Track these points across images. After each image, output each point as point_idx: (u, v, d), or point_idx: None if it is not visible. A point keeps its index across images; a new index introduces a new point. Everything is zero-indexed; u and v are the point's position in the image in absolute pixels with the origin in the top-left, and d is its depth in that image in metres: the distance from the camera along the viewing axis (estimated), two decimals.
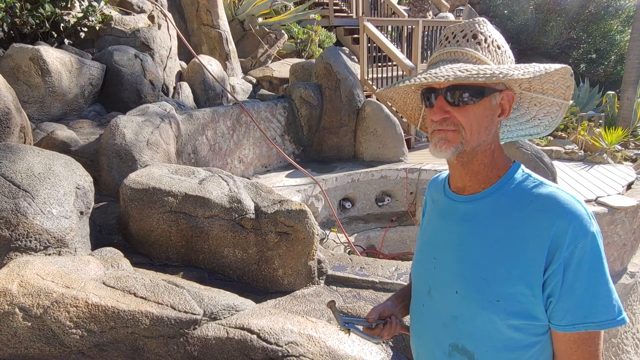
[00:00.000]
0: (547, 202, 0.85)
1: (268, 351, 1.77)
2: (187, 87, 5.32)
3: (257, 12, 7.57)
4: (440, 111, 0.87)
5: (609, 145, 6.58)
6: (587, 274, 0.81)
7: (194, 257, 2.47)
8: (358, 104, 5.44)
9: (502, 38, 0.92)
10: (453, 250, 0.95)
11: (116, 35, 4.97)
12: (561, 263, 0.81)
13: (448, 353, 0.96)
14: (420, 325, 1.06)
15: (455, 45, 0.88)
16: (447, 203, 1.00)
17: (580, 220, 0.82)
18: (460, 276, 0.92)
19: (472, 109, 0.86)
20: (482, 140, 0.89)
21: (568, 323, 0.82)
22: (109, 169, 3.05)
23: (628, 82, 8.92)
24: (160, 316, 1.74)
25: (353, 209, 5.06)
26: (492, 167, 0.93)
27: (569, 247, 0.81)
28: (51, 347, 1.65)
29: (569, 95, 0.93)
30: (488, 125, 0.89)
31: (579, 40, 14.19)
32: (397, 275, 2.61)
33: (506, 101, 0.90)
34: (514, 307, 0.85)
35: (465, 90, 0.85)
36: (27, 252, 1.98)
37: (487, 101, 0.87)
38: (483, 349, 0.91)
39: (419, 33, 6.87)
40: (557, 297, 0.82)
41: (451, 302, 0.94)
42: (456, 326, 0.94)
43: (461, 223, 0.95)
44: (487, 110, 0.88)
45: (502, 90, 0.89)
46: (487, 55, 0.88)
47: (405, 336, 2.15)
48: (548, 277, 0.83)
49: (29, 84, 3.76)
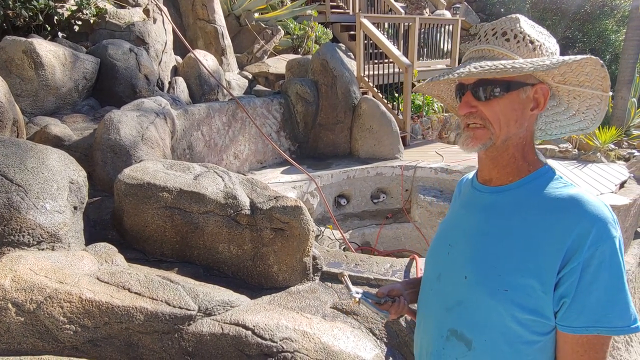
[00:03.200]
0: (573, 201, 0.85)
1: (263, 347, 1.77)
2: (183, 82, 5.29)
3: (253, 7, 7.53)
4: (467, 105, 0.90)
5: (602, 144, 6.63)
6: (606, 278, 0.80)
7: (188, 253, 2.46)
8: (354, 100, 5.43)
9: (541, 32, 0.92)
10: (469, 237, 0.96)
11: (111, 29, 4.92)
12: (579, 263, 0.81)
13: (445, 337, 0.96)
14: (425, 310, 1.07)
15: (485, 43, 0.91)
16: (472, 193, 1.02)
17: (604, 224, 0.81)
18: (471, 262, 0.93)
19: (498, 103, 0.88)
20: (512, 133, 0.91)
21: (581, 324, 0.82)
22: (103, 164, 3.03)
23: (622, 81, 8.97)
24: (154, 312, 1.74)
25: (348, 206, 5.06)
26: (522, 161, 0.93)
27: (590, 248, 0.80)
28: (44, 343, 1.64)
29: (606, 86, 0.93)
30: (518, 119, 0.90)
31: (575, 39, 14.25)
32: (392, 272, 2.61)
33: (540, 94, 0.91)
34: (522, 299, 0.85)
35: (490, 85, 0.87)
36: (20, 247, 1.97)
37: (515, 95, 0.89)
38: (482, 337, 0.91)
39: (415, 30, 6.87)
40: (571, 297, 0.82)
41: (459, 287, 0.95)
42: (459, 312, 0.94)
43: (482, 212, 0.96)
44: (516, 103, 0.89)
45: (535, 84, 0.90)
46: (517, 51, 0.89)
47: (400, 332, 2.16)
48: (563, 276, 0.82)
49: (22, 77, 3.72)
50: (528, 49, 0.89)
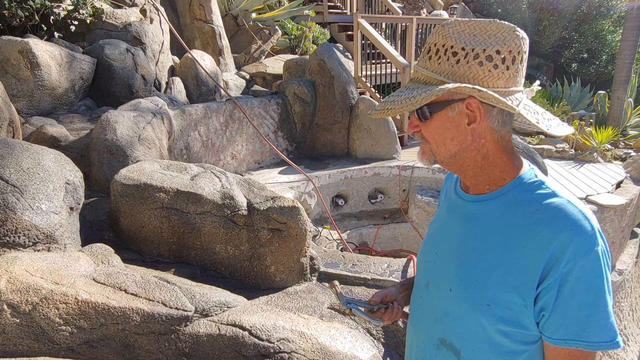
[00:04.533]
0: (552, 213, 0.82)
1: (260, 348, 1.77)
2: (180, 82, 5.28)
3: (250, 7, 7.52)
4: (411, 126, 0.94)
5: (599, 144, 6.65)
6: (585, 292, 0.79)
7: (185, 254, 2.46)
8: (352, 101, 5.43)
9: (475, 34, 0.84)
10: (453, 248, 0.96)
11: (107, 29, 4.91)
12: (557, 279, 0.79)
13: (436, 346, 0.98)
14: (416, 315, 1.08)
15: (420, 66, 0.91)
16: (455, 200, 1.02)
17: (583, 238, 0.79)
18: (455, 275, 0.93)
19: (431, 124, 0.90)
20: (453, 150, 0.89)
21: (560, 337, 0.81)
22: (99, 164, 3.02)
23: (619, 81, 9.01)
24: (151, 313, 1.73)
25: (346, 206, 5.06)
26: (493, 170, 0.91)
27: (568, 263, 0.79)
28: (40, 344, 1.63)
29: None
30: (454, 136, 0.88)
31: (571, 39, 14.30)
32: (389, 272, 2.61)
33: (474, 107, 0.85)
34: (504, 313, 0.85)
35: (421, 108, 0.88)
36: (15, 248, 1.96)
37: (443, 114, 0.87)
38: (470, 348, 0.92)
39: (413, 31, 6.88)
40: (549, 311, 0.81)
41: (445, 298, 0.95)
42: (446, 323, 0.95)
43: (464, 222, 0.96)
44: (446, 122, 0.88)
45: (465, 99, 0.85)
46: (437, 69, 0.86)
47: (398, 332, 2.16)
48: (541, 291, 0.81)
49: (18, 77, 3.70)
50: (450, 62, 0.84)
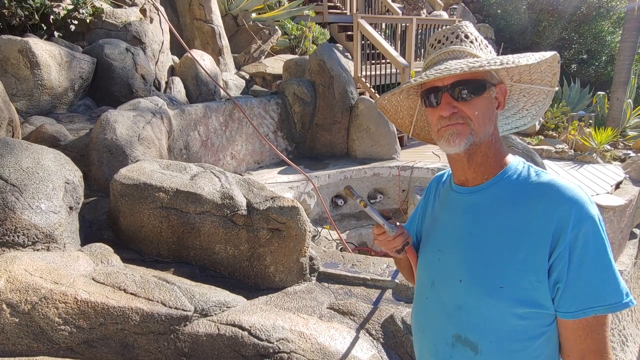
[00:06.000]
0: (549, 188, 0.87)
1: (259, 348, 1.77)
2: (180, 82, 5.28)
3: (250, 7, 7.52)
4: (449, 107, 0.91)
5: (598, 145, 6.66)
6: (593, 257, 0.82)
7: (185, 254, 2.45)
8: (351, 101, 5.44)
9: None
10: (458, 240, 0.96)
11: (107, 28, 4.91)
12: (566, 246, 0.83)
13: (451, 344, 0.96)
14: (423, 318, 1.06)
15: (451, 45, 0.94)
16: (452, 196, 1.03)
17: (582, 205, 0.84)
18: (464, 264, 0.93)
19: (476, 102, 0.91)
20: (487, 131, 0.94)
21: (577, 308, 0.83)
22: (99, 164, 3.02)
23: (618, 82, 9.02)
24: (150, 312, 1.73)
25: (345, 206, 5.07)
26: (495, 158, 0.96)
27: (574, 229, 0.82)
28: (39, 344, 1.63)
29: (555, 82, 0.97)
30: (491, 117, 0.94)
31: (571, 40, 14.31)
32: (388, 273, 2.62)
33: (500, 94, 0.95)
34: (518, 294, 0.86)
35: (468, 85, 0.89)
36: (14, 247, 1.95)
37: (488, 94, 0.92)
38: (487, 339, 0.90)
39: (412, 31, 6.89)
40: (564, 282, 0.83)
41: (455, 291, 0.95)
42: (460, 316, 0.94)
43: (466, 214, 0.97)
44: (489, 102, 0.93)
45: (497, 84, 0.94)
46: (480, 52, 0.94)
47: (397, 333, 2.15)
48: (554, 261, 0.84)
49: (18, 76, 3.70)
50: (486, 50, 0.95)
